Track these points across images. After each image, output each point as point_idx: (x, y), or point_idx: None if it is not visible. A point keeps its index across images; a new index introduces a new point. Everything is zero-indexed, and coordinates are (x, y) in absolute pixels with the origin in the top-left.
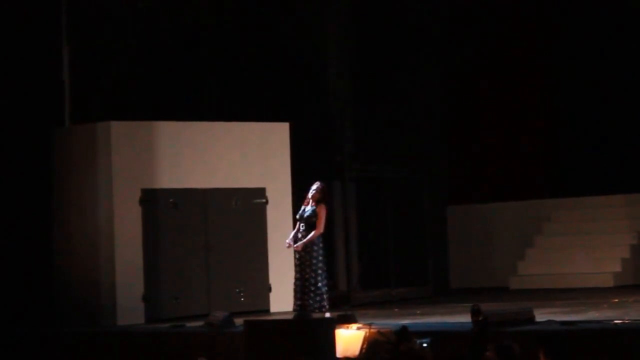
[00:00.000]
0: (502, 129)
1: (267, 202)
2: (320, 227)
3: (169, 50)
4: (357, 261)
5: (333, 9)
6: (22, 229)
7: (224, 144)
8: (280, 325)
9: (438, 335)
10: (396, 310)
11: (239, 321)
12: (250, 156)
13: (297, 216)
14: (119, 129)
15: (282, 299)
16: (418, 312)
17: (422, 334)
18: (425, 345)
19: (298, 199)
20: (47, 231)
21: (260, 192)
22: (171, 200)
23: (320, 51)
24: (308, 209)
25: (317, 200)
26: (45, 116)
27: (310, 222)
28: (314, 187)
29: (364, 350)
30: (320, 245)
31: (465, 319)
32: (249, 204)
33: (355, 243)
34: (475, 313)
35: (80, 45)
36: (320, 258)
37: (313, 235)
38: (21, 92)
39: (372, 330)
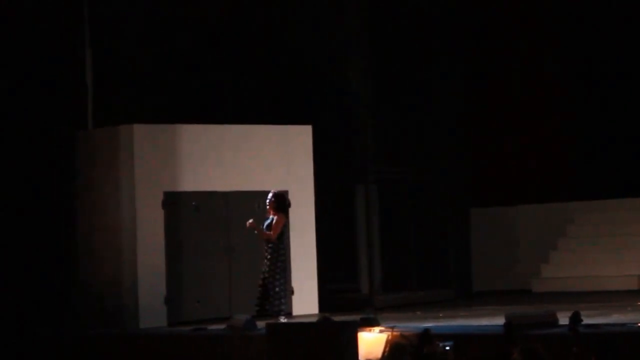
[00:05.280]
0: (525, 132)
1: (289, 205)
2: (273, 233)
3: (191, 54)
4: (380, 264)
5: (354, 12)
6: (45, 232)
7: (246, 147)
8: (303, 328)
9: (461, 339)
10: (419, 313)
11: (260, 324)
12: (272, 159)
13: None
14: (141, 131)
15: (304, 302)
16: (441, 315)
17: (445, 337)
18: (447, 348)
19: (320, 202)
20: (70, 233)
21: None
22: (193, 203)
23: (342, 54)
24: (269, 219)
25: (275, 210)
26: (69, 119)
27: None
28: (268, 196)
29: (386, 354)
30: (281, 252)
31: (487, 321)
32: None
33: (378, 246)
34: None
35: (103, 48)
36: (279, 264)
37: (265, 233)
38: (44, 95)
39: (394, 333)
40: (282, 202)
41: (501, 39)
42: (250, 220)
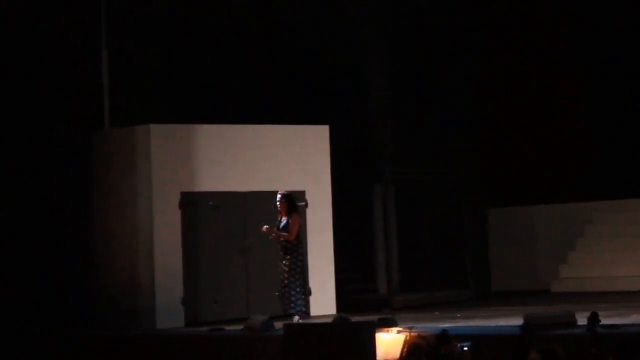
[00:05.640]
0: (543, 131)
1: (307, 205)
2: (291, 235)
3: (208, 54)
4: (398, 264)
5: (372, 13)
6: (61, 232)
7: (263, 147)
8: (321, 329)
9: (479, 339)
10: (437, 314)
11: (278, 325)
12: (290, 159)
13: (275, 227)
14: (158, 132)
15: (322, 303)
16: (459, 315)
17: (463, 337)
18: (466, 349)
19: (338, 202)
20: (87, 234)
21: (300, 195)
22: (211, 203)
23: (360, 55)
24: (283, 220)
25: (287, 211)
26: (85, 119)
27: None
28: (277, 198)
29: (404, 354)
30: (300, 252)
31: (505, 322)
32: None
33: (396, 246)
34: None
35: (120, 49)
36: (299, 264)
37: (285, 235)
38: (61, 96)
39: (412, 334)
40: (292, 202)
41: (515, 40)
42: (266, 227)
